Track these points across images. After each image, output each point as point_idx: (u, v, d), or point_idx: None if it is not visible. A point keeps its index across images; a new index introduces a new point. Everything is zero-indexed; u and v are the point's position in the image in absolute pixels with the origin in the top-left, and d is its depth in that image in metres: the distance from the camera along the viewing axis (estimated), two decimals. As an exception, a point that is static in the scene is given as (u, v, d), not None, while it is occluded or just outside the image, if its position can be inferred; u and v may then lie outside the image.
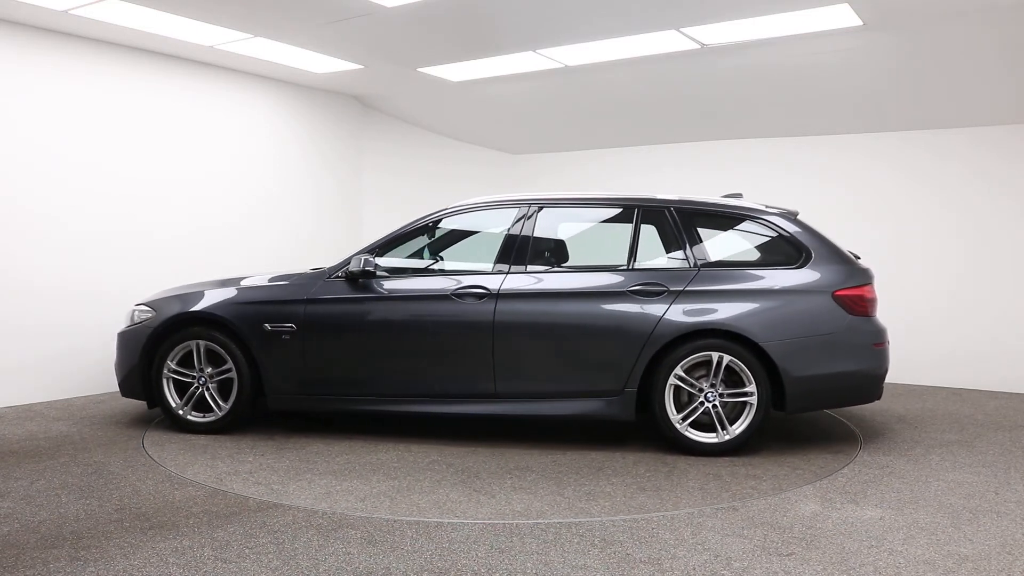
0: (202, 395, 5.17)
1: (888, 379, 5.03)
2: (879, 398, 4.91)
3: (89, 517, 3.58)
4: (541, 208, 5.11)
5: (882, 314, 5.35)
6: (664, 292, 4.74)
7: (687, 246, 4.89)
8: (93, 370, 6.32)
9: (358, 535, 3.39)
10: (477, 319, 4.85)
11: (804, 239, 4.86)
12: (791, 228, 4.89)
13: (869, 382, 4.81)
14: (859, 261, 4.96)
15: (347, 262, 5.12)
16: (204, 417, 5.16)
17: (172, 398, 5.20)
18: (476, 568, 3.06)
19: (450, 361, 4.92)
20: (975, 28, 5.36)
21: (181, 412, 5.18)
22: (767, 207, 5.03)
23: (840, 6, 5.02)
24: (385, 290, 5.04)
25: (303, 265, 6.84)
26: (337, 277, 5.11)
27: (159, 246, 6.71)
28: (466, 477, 4.28)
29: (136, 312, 5.38)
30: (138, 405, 5.93)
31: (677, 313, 4.70)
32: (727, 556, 3.18)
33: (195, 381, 5.18)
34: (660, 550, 3.25)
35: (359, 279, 5.06)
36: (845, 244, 5.09)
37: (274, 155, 7.60)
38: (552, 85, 7.18)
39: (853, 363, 4.72)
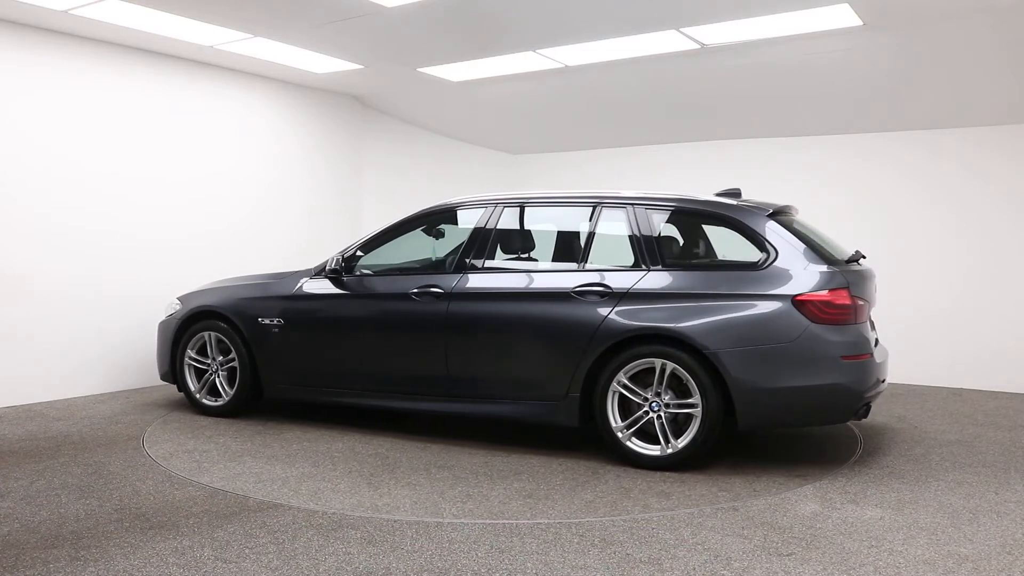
0: (214, 381, 5.70)
1: (888, 379, 4.92)
2: (859, 417, 4.42)
3: (89, 517, 3.58)
4: (505, 208, 5.08)
5: (881, 315, 5.33)
6: (609, 293, 4.52)
7: (642, 245, 4.61)
8: (93, 370, 6.32)
9: (358, 535, 3.39)
10: (433, 318, 4.92)
11: (772, 238, 4.43)
12: (759, 226, 4.49)
13: (838, 399, 4.27)
14: (859, 262, 4.76)
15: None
16: (215, 401, 5.69)
17: (192, 383, 5.75)
18: (476, 568, 3.06)
19: (409, 358, 5.03)
20: (975, 28, 5.35)
21: (198, 396, 5.73)
22: (742, 203, 4.71)
23: (840, 6, 5.02)
24: (357, 288, 5.27)
25: (307, 265, 6.84)
26: (318, 275, 5.41)
27: (160, 247, 6.71)
28: (379, 470, 4.39)
29: (171, 304, 5.98)
30: (137, 405, 5.96)
31: (619, 316, 4.44)
32: (727, 556, 3.18)
33: (209, 369, 5.71)
34: (660, 550, 3.25)
35: (337, 277, 5.33)
36: (845, 244, 5.05)
37: (275, 155, 7.59)
38: (552, 85, 7.18)
39: (815, 377, 4.21)
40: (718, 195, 4.90)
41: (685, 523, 3.57)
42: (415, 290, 5.01)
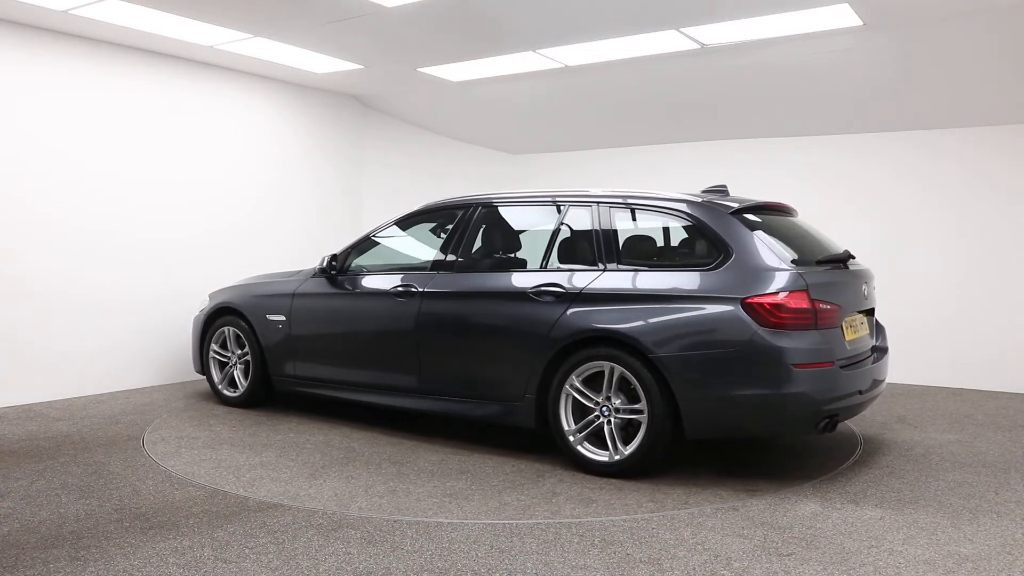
0: (232, 373, 6.02)
1: (888, 379, 4.89)
2: (822, 431, 4.09)
3: (89, 517, 3.58)
4: (480, 207, 5.09)
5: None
6: (563, 294, 4.42)
7: (601, 244, 4.49)
8: (93, 370, 6.32)
9: (358, 535, 3.39)
10: (407, 317, 4.98)
11: (730, 237, 4.17)
12: (718, 224, 4.24)
13: (791, 410, 3.96)
14: (847, 264, 4.53)
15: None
16: (234, 393, 5.99)
17: (216, 375, 6.08)
18: (476, 568, 3.06)
19: (388, 355, 5.11)
20: (975, 28, 5.35)
21: (220, 387, 6.05)
22: (706, 199, 4.46)
23: (840, 6, 5.02)
24: (347, 287, 5.40)
25: (308, 265, 6.86)
26: (315, 275, 5.59)
27: (160, 247, 6.71)
28: (332, 463, 4.52)
29: (203, 300, 6.35)
30: (137, 405, 5.97)
31: (571, 317, 4.33)
32: (727, 556, 3.18)
33: (229, 362, 6.02)
34: (660, 550, 3.25)
35: (333, 277, 5.49)
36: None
37: (275, 155, 7.59)
38: (552, 85, 7.18)
39: (764, 385, 3.92)
40: (704, 191, 4.82)
41: (685, 523, 3.57)
42: (395, 288, 5.09)
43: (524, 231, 5.17)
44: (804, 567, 3.08)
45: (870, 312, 4.76)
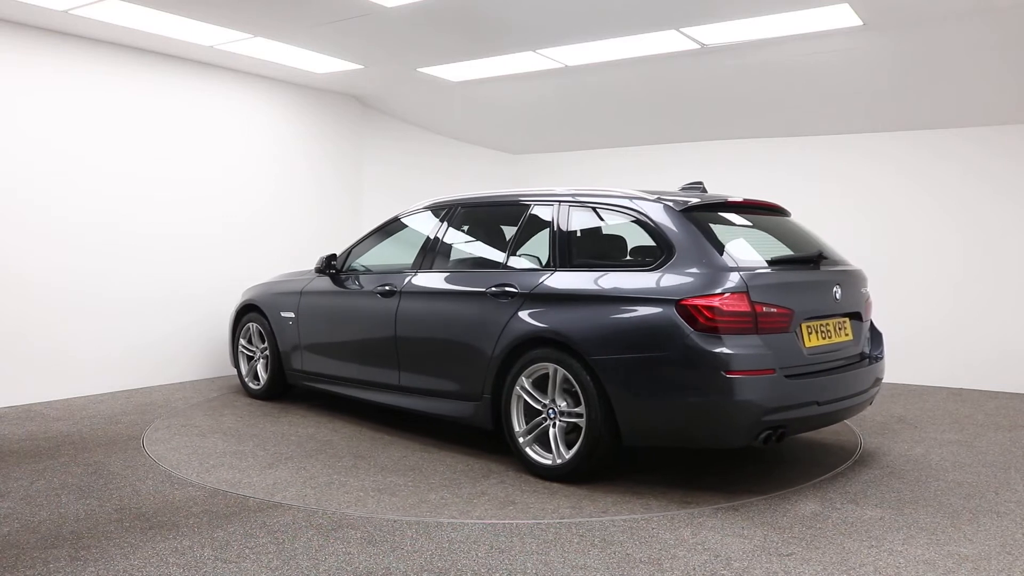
0: (256, 367, 6.32)
1: (888, 379, 4.85)
2: (766, 442, 3.82)
3: (89, 517, 3.58)
4: (458, 208, 5.15)
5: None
6: (516, 294, 4.40)
7: (556, 243, 4.44)
8: (93, 370, 6.32)
9: (358, 535, 3.39)
10: (388, 315, 5.09)
11: (672, 235, 4.03)
12: (664, 222, 4.09)
13: (725, 420, 3.75)
14: (818, 264, 4.25)
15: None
16: (257, 386, 6.30)
17: (244, 368, 6.40)
18: (476, 568, 3.06)
19: (373, 352, 5.24)
20: (975, 28, 5.35)
21: (246, 380, 6.38)
22: (663, 196, 4.30)
23: (840, 6, 5.02)
24: (343, 286, 5.57)
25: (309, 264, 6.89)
26: (318, 274, 5.83)
27: (160, 246, 6.71)
28: (299, 455, 4.66)
29: (238, 297, 6.67)
30: (137, 405, 5.97)
31: (520, 317, 4.31)
32: (727, 556, 3.18)
33: (254, 356, 6.32)
34: (660, 550, 3.25)
35: (332, 276, 5.69)
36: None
37: (275, 155, 7.59)
38: (552, 85, 7.18)
39: (694, 392, 3.74)
40: (682, 188, 4.79)
41: (685, 523, 3.57)
42: (379, 288, 5.20)
43: (493, 231, 5.19)
44: (804, 567, 3.08)
45: (855, 316, 4.45)
